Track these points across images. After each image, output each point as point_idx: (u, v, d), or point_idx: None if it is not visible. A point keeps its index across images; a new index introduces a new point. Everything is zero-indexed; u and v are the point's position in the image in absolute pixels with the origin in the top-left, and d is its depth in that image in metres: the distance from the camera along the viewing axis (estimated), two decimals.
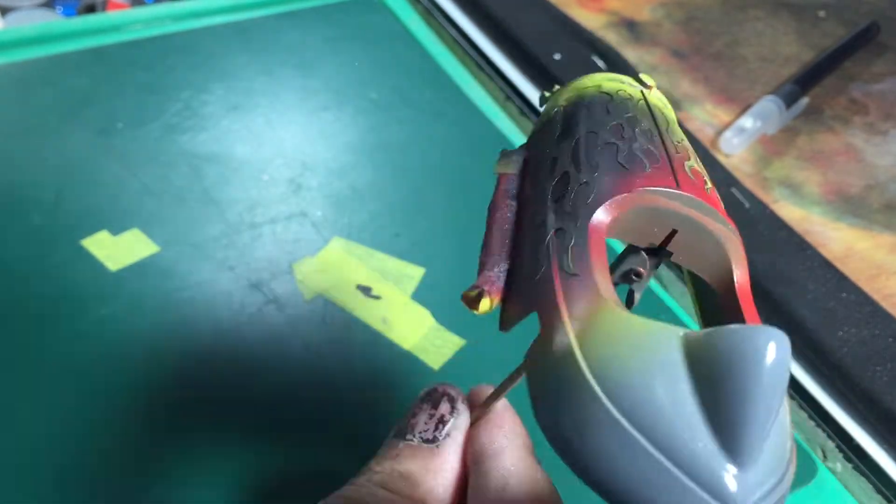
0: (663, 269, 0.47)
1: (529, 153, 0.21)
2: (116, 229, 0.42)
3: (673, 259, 0.18)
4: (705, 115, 0.56)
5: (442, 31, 0.61)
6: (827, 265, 0.45)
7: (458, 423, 0.21)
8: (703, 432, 0.13)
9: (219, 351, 0.38)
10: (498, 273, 0.19)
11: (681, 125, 0.22)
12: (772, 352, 0.13)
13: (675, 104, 0.56)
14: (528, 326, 0.18)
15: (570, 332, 0.15)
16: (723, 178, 0.50)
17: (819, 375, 0.42)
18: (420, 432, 0.21)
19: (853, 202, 0.51)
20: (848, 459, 0.39)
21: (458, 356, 0.39)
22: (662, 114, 0.21)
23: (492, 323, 0.23)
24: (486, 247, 0.19)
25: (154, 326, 0.38)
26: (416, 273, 0.43)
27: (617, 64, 0.58)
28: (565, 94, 0.21)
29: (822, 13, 0.67)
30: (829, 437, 0.40)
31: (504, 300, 0.18)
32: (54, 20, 0.62)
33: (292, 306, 0.40)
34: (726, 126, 0.54)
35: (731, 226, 0.18)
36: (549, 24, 0.61)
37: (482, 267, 0.19)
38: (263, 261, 0.42)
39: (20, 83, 0.51)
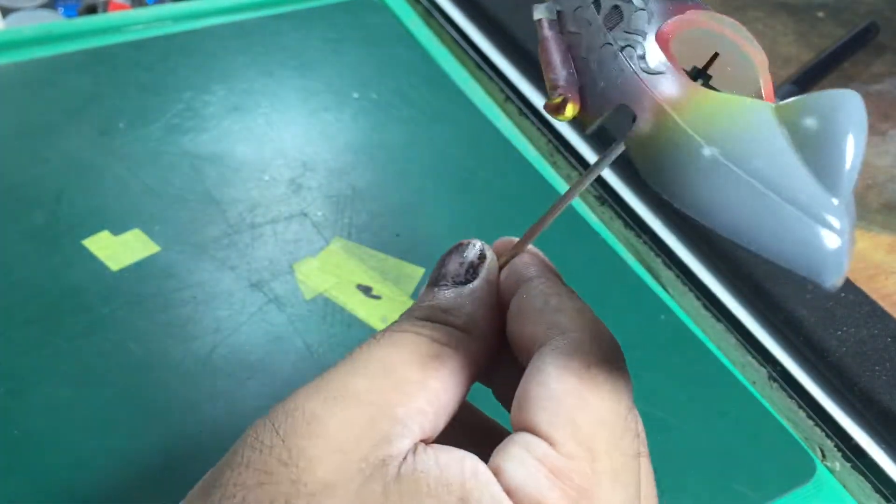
0: (662, 269, 0.47)
1: (562, 5, 0.22)
2: (118, 229, 0.42)
3: (711, 82, 0.20)
4: None
5: (442, 32, 0.61)
6: None
7: (488, 266, 0.22)
8: (804, 173, 0.16)
9: (219, 350, 0.38)
10: (573, 82, 0.20)
11: None
12: (859, 100, 0.16)
13: None
14: None
15: (669, 109, 0.18)
16: None
17: (818, 375, 0.42)
18: (453, 277, 0.22)
19: None
20: (846, 458, 0.39)
21: None
22: None
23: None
24: (550, 66, 0.20)
25: (155, 326, 0.38)
26: (416, 273, 0.43)
27: None
28: None
29: (820, 14, 0.67)
30: (827, 436, 0.40)
31: (582, 106, 0.20)
32: (56, 21, 0.62)
33: (293, 306, 0.40)
34: None
35: (757, 43, 0.20)
36: None
37: (553, 81, 0.20)
38: (264, 261, 0.42)
39: (22, 84, 0.51)
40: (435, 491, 0.17)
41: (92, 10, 0.62)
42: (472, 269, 0.22)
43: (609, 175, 0.51)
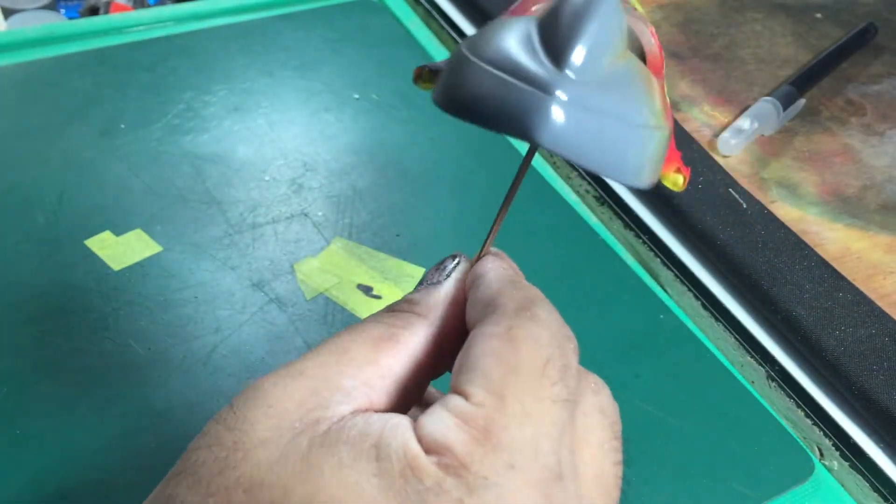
0: (661, 269, 0.47)
1: None
2: (119, 229, 0.43)
3: None
4: (703, 117, 0.56)
5: (442, 33, 0.61)
6: (824, 265, 0.45)
7: (460, 268, 0.23)
8: (537, 53, 0.18)
9: (220, 350, 0.38)
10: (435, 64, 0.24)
11: (678, 125, 0.23)
12: None
13: (674, 105, 0.57)
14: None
15: (462, 46, 0.19)
16: (720, 178, 0.50)
17: (816, 374, 0.42)
18: (427, 280, 0.23)
19: (850, 203, 0.51)
20: (844, 458, 0.40)
21: None
22: None
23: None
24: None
25: (156, 326, 0.38)
26: (416, 273, 0.43)
27: None
28: None
29: (819, 15, 0.67)
30: (825, 435, 0.40)
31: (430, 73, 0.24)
32: (57, 22, 0.62)
33: (293, 306, 0.40)
34: (724, 127, 0.55)
35: (632, 8, 0.22)
36: None
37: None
38: (265, 261, 0.42)
39: (23, 84, 0.51)
40: (353, 440, 0.18)
41: (93, 11, 0.62)
42: (444, 272, 0.23)
43: None
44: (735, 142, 0.53)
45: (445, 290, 0.23)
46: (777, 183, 0.52)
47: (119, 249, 0.42)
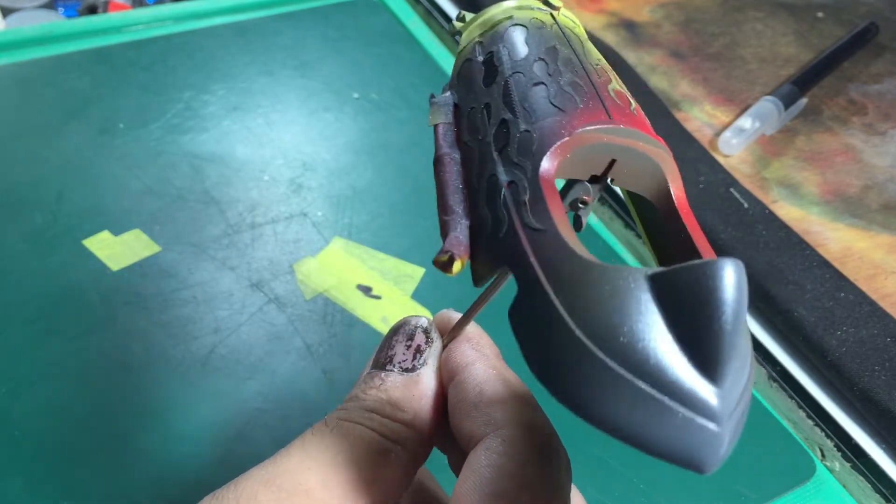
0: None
1: (459, 98, 0.21)
2: (118, 229, 0.42)
3: (614, 183, 0.20)
4: (704, 116, 0.56)
5: (442, 32, 0.61)
6: (825, 265, 0.45)
7: (433, 350, 0.22)
8: (680, 360, 0.15)
9: (219, 350, 0.38)
10: (461, 232, 0.19)
11: (679, 125, 0.22)
12: (731, 278, 0.15)
13: (675, 105, 0.56)
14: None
15: (548, 289, 0.16)
16: (722, 178, 0.50)
17: (817, 375, 0.42)
18: (399, 363, 0.22)
19: (851, 202, 0.51)
20: (846, 458, 0.40)
21: None
22: (575, 34, 0.21)
23: (491, 320, 0.24)
24: (442, 205, 0.20)
25: (155, 326, 0.38)
26: (416, 273, 0.43)
27: (616, 64, 0.58)
28: (479, 28, 0.22)
29: (820, 14, 0.67)
30: (827, 436, 0.40)
31: (472, 258, 0.19)
32: (56, 21, 0.62)
33: (293, 306, 0.40)
34: (725, 127, 0.54)
35: (661, 143, 0.20)
36: None
37: (445, 227, 0.19)
38: (264, 261, 0.42)
39: (22, 84, 0.51)
40: None
41: (92, 10, 0.62)
42: (419, 353, 0.22)
43: None
44: (736, 141, 0.53)
45: (424, 386, 0.22)
46: (778, 182, 0.52)
47: (118, 249, 0.41)
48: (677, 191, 0.19)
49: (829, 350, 0.41)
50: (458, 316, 0.23)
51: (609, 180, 0.19)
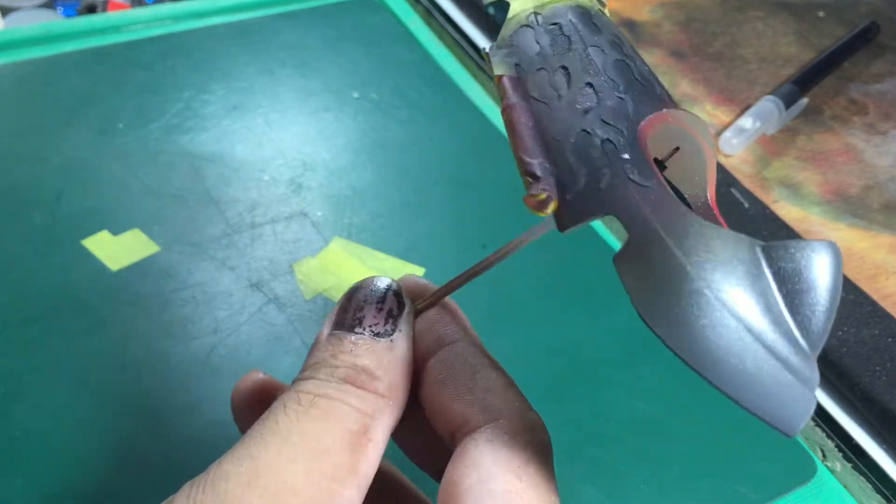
0: None
1: (520, 58, 0.21)
2: (117, 229, 0.42)
3: (666, 174, 0.20)
4: (705, 116, 0.56)
5: (442, 32, 0.61)
6: None
7: (407, 317, 0.21)
8: (790, 328, 0.16)
9: (219, 350, 0.38)
10: (551, 173, 0.19)
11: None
12: (838, 260, 0.16)
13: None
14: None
15: (669, 241, 0.17)
16: (722, 178, 0.50)
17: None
18: (370, 325, 0.20)
19: (852, 202, 0.51)
20: (847, 459, 0.39)
21: None
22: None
23: (488, 320, 0.23)
24: (523, 147, 0.19)
25: (154, 326, 0.38)
26: (416, 273, 0.43)
27: None
28: (532, 2, 0.21)
29: (821, 13, 0.67)
30: (828, 436, 0.40)
31: (560, 203, 0.19)
32: (55, 20, 0.62)
33: (293, 306, 0.40)
34: (726, 126, 0.54)
35: (711, 139, 0.20)
36: None
37: (530, 168, 0.19)
38: (264, 261, 0.42)
39: (21, 83, 0.51)
40: None
41: (91, 9, 0.62)
42: (391, 318, 0.21)
43: None
44: (737, 141, 0.53)
45: (400, 354, 0.20)
46: (779, 182, 0.52)
47: (117, 249, 0.41)
48: (712, 192, 0.20)
49: (830, 350, 0.41)
50: (424, 283, 0.22)
51: (664, 168, 0.20)
